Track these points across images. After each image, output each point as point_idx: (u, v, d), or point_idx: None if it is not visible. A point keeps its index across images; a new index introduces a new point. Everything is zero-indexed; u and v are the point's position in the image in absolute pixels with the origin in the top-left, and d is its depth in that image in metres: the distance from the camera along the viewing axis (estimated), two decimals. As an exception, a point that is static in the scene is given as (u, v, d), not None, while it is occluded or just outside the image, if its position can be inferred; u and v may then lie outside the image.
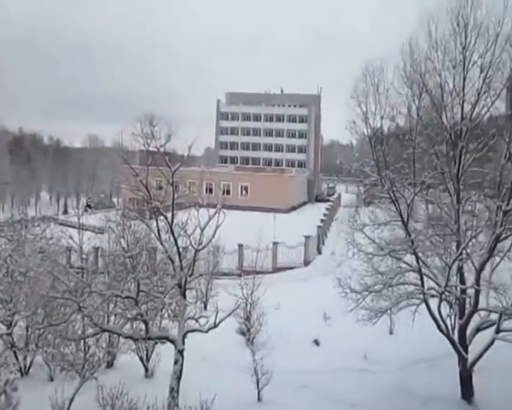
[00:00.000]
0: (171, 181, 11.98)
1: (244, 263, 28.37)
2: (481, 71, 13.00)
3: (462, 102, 13.38)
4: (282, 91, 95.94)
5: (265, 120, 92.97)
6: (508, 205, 12.48)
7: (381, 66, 14.06)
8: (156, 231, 12.01)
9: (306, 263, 33.23)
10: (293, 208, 62.84)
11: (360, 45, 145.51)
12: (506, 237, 13.11)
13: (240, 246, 30.44)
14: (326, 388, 14.23)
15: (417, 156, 14.43)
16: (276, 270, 31.15)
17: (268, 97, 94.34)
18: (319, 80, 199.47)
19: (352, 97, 14.40)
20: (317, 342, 18.10)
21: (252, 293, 18.01)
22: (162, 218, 12.03)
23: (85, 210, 51.36)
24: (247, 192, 62.28)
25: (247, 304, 18.03)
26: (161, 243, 12.26)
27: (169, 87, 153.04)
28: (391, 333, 18.29)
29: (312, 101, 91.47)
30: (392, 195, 13.57)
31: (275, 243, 31.76)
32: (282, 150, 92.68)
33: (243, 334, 18.15)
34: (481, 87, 13.07)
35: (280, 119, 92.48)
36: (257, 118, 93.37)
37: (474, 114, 13.54)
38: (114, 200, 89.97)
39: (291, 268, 31.96)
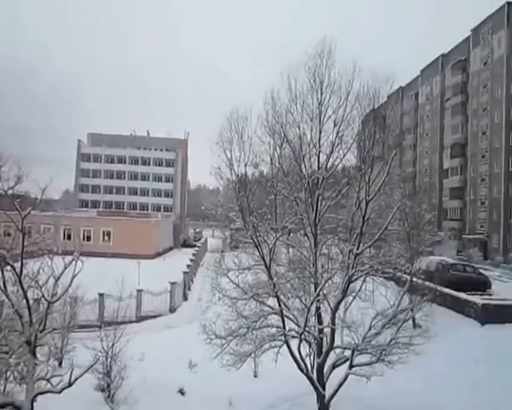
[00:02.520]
0: (20, 227, 10.87)
1: (105, 313, 26.54)
2: (335, 125, 14.27)
3: (319, 153, 14.49)
4: (148, 134, 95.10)
5: (130, 162, 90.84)
6: (358, 249, 13.66)
7: (245, 114, 14.67)
8: (1, 283, 10.70)
9: (172, 310, 32.29)
10: (159, 254, 61.35)
11: (229, 92, 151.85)
12: (357, 279, 14.28)
13: (100, 295, 28.53)
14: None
15: (279, 202, 15.18)
16: (141, 319, 29.69)
17: (133, 140, 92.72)
18: (187, 125, 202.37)
19: (217, 143, 14.77)
20: (182, 392, 17.44)
21: (113, 345, 16.85)
22: (9, 268, 10.79)
23: None
24: (109, 238, 59.22)
25: (107, 357, 16.79)
26: (7, 297, 10.95)
27: (21, 125, 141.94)
28: (255, 376, 18.41)
29: (179, 145, 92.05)
30: (255, 239, 13.93)
31: (139, 291, 30.41)
32: (148, 194, 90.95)
33: (102, 390, 16.79)
34: (335, 140, 14.33)
35: (146, 162, 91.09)
36: (121, 160, 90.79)
37: (329, 164, 14.75)
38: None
39: (156, 316, 30.77)
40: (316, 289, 13.79)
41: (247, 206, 14.25)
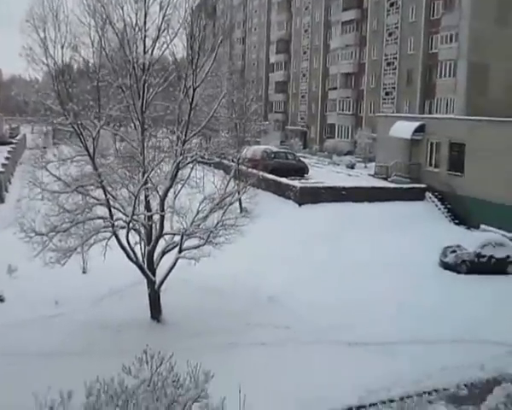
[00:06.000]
0: None
1: None
2: (161, 9, 13.43)
3: (144, 37, 13.66)
4: None
5: None
6: (185, 136, 13.66)
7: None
8: None
9: (-14, 214, 29.16)
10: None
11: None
12: (185, 165, 14.42)
13: None
14: (11, 345, 12.86)
15: (103, 90, 14.08)
16: None
17: None
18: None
19: (27, 21, 12.91)
20: (0, 299, 16.18)
21: None
22: None
23: None
24: None
25: None
26: None
27: None
28: (84, 272, 17.97)
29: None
30: (77, 129, 12.94)
31: None
32: None
33: None
34: (161, 24, 13.59)
35: None
36: None
37: (156, 49, 14.01)
38: None
39: (-34, 222, 27.47)
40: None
41: (67, 92, 12.96)
